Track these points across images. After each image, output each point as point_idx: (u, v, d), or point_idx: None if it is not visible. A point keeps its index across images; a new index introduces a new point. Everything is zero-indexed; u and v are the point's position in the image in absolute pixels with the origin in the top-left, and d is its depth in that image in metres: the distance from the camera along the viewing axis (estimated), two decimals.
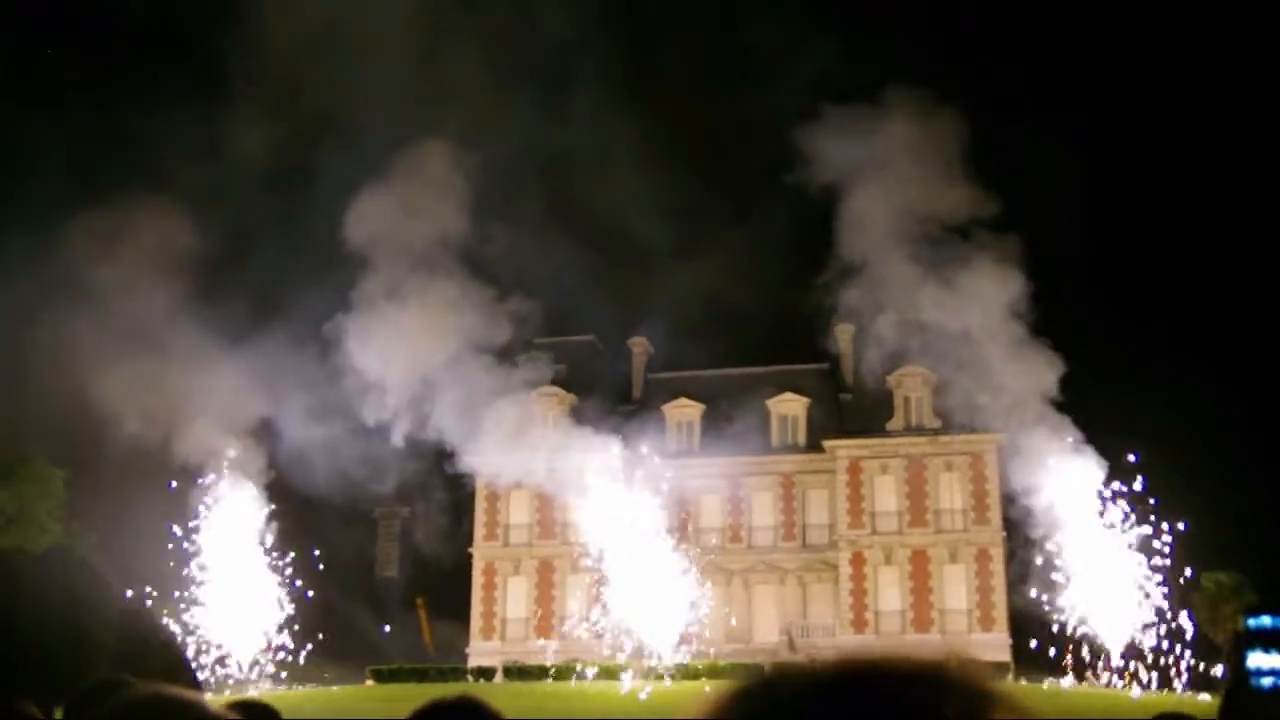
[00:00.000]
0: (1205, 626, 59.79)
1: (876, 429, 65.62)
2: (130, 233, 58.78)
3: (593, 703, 45.81)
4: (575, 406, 67.46)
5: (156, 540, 56.35)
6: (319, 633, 61.62)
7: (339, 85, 66.59)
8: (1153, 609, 54.92)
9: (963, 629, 61.58)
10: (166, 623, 49.96)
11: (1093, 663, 55.27)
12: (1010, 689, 1.25)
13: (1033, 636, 57.68)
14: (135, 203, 59.67)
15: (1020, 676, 53.14)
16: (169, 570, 56.69)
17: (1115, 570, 54.83)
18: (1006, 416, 58.55)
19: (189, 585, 57.15)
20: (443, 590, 76.64)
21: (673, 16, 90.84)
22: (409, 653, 70.90)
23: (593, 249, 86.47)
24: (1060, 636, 55.85)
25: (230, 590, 57.40)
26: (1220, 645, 62.04)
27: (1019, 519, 58.82)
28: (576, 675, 54.02)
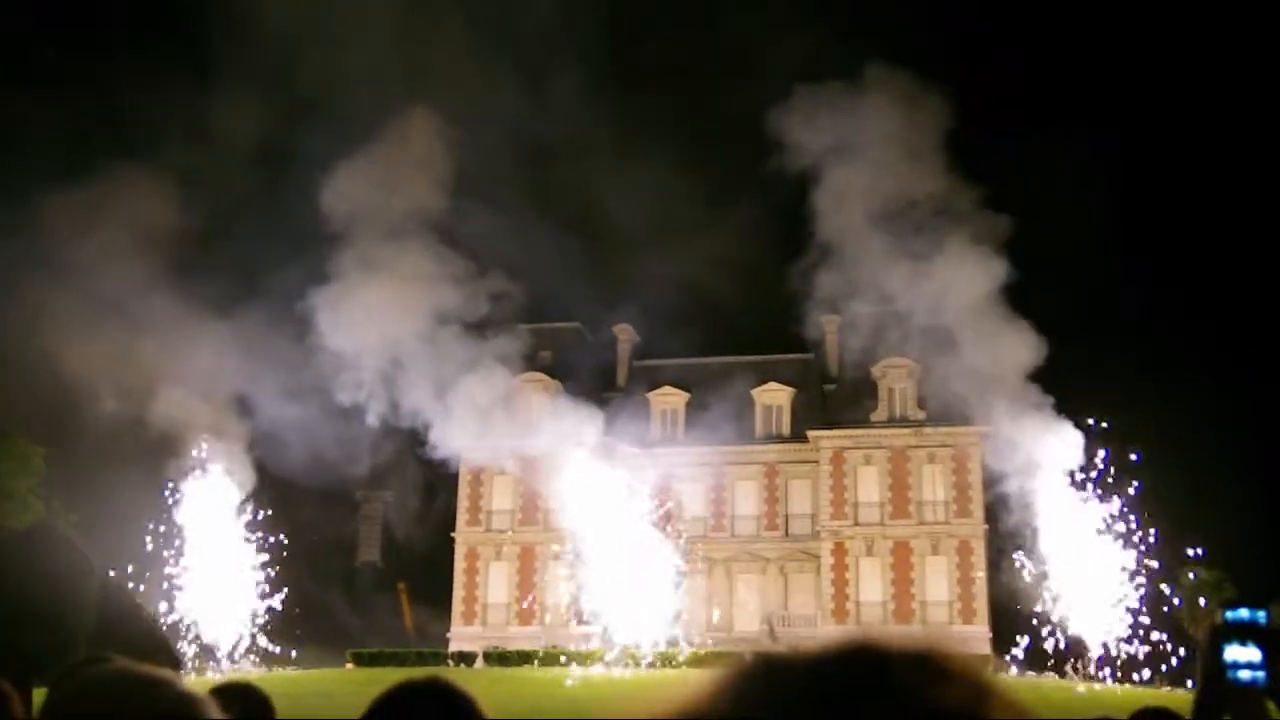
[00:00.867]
0: (1185, 622, 60.03)
1: (860, 420, 65.73)
2: (109, 208, 58.59)
3: (572, 689, 45.83)
4: (559, 393, 67.48)
5: (136, 519, 56.24)
6: (299, 616, 61.57)
7: (321, 65, 66.15)
8: (1133, 604, 55.12)
9: (944, 621, 61.76)
10: (145, 602, 49.85)
11: (1073, 657, 55.49)
12: (1005, 681, 1.24)
13: (1013, 630, 57.91)
14: (115, 177, 59.49)
15: (1000, 670, 53.31)
16: (149, 550, 56.62)
17: (1096, 565, 55.00)
18: (989, 409, 58.62)
19: (168, 565, 57.09)
20: (424, 575, 76.62)
21: (657, 4, 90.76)
22: (390, 637, 70.87)
23: (578, 236, 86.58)
24: (1040, 630, 56.06)
25: (210, 572, 57.32)
26: (1198, 639, 62.31)
27: (1001, 512, 59.04)
28: (557, 662, 54.08)
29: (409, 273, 58.90)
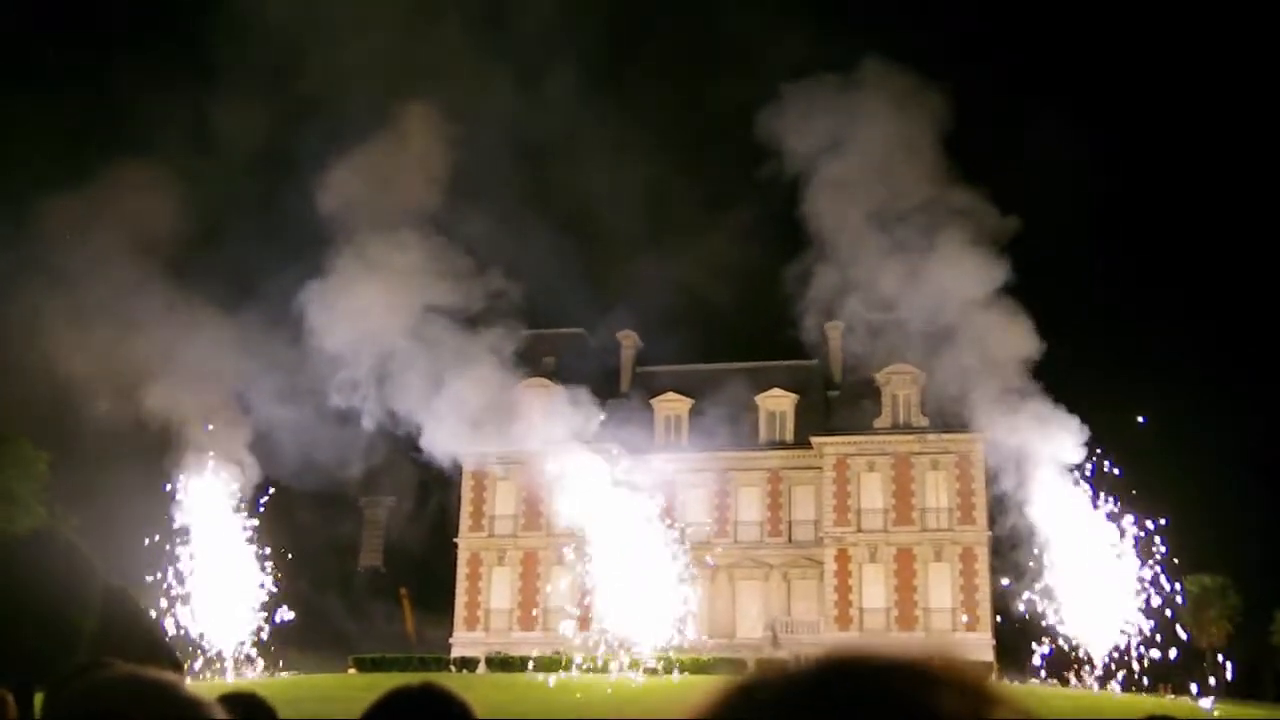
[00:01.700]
0: (1190, 629, 59.97)
1: (863, 426, 65.66)
2: (107, 210, 58.57)
3: (575, 695, 45.78)
4: (561, 398, 67.38)
5: (137, 524, 56.19)
6: (301, 621, 61.54)
7: (317, 64, 66.01)
8: (1137, 611, 54.99)
9: (947, 628, 61.65)
10: (147, 607, 49.80)
11: (1077, 664, 55.38)
12: (1007, 688, 1.23)
13: (1017, 637, 57.83)
14: (111, 179, 59.48)
15: (1003, 677, 53.25)
16: (150, 555, 56.57)
17: (1100, 573, 54.90)
18: (992, 415, 58.52)
19: (170, 570, 57.01)
20: (426, 580, 76.59)
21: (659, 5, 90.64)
22: (392, 642, 70.82)
23: (581, 240, 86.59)
24: (1044, 637, 55.98)
25: (212, 577, 57.25)
26: (1205, 648, 62.28)
27: (1005, 519, 58.94)
28: (560, 668, 54.02)
29: (410, 273, 58.92)
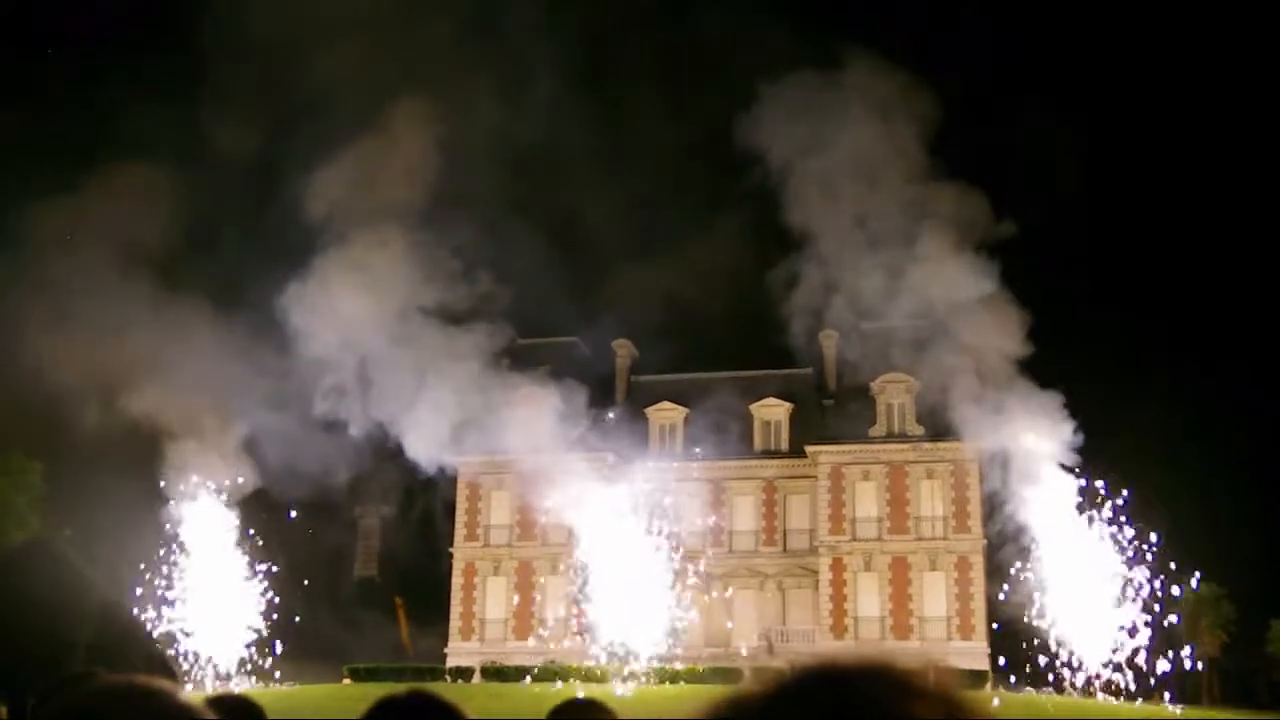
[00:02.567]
0: (1185, 637, 59.99)
1: (858, 435, 65.66)
2: (96, 218, 58.47)
3: None
4: (556, 407, 67.34)
5: (131, 534, 56.10)
6: (296, 631, 61.42)
7: (303, 69, 65.79)
8: (1132, 619, 55.01)
9: (942, 637, 61.63)
10: (143, 618, 49.83)
11: (1071, 672, 55.37)
12: (979, 698, 1.25)
13: (1012, 645, 57.79)
14: (98, 187, 59.36)
15: (999, 685, 53.25)
16: (145, 566, 56.48)
17: (1095, 581, 54.92)
18: (987, 423, 58.56)
19: (164, 581, 56.93)
20: (421, 590, 76.49)
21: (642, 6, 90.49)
22: (387, 652, 70.71)
23: (575, 248, 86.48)
24: (1039, 645, 55.95)
25: (206, 587, 57.18)
26: (1199, 656, 62.28)
27: (999, 527, 58.98)
28: (555, 677, 53.97)
29: (401, 278, 59.01)
